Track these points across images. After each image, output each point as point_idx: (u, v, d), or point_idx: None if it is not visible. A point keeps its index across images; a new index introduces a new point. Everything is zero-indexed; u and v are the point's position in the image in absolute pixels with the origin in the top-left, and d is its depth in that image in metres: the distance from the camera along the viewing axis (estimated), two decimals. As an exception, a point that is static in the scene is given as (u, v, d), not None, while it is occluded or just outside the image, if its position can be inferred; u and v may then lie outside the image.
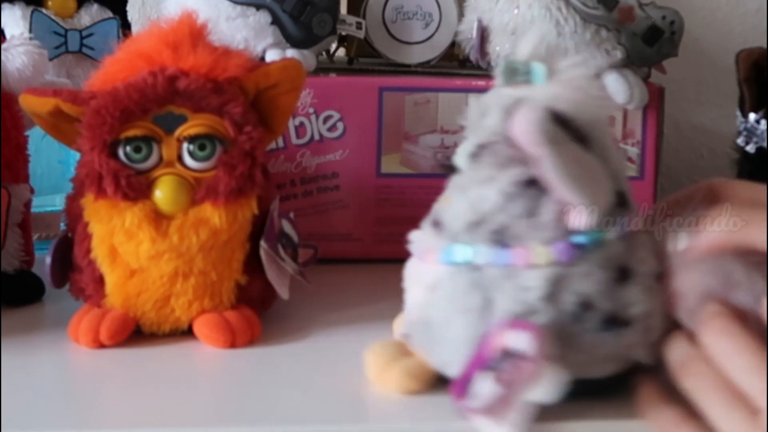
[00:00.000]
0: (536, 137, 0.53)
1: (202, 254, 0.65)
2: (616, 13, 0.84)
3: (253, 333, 0.67)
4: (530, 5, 0.84)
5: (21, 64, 0.74)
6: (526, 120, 0.53)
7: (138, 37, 0.69)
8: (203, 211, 0.65)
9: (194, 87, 0.66)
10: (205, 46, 0.68)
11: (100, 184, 0.65)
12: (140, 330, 0.67)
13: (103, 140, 0.65)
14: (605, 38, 0.84)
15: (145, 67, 0.66)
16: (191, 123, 0.66)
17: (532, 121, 0.53)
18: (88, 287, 0.68)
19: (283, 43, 0.86)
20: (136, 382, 0.61)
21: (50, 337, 0.67)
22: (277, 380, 0.61)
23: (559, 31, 0.83)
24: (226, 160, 0.66)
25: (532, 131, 0.53)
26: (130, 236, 0.65)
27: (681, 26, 0.86)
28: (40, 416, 0.56)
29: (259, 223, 0.68)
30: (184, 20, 0.68)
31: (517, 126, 0.54)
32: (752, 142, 0.82)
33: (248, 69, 0.68)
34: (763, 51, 0.83)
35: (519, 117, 0.53)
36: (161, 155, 0.66)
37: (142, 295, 0.66)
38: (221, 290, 0.67)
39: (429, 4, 0.93)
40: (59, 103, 0.67)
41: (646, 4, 0.85)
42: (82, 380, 0.63)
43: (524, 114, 0.53)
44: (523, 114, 0.53)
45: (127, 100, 0.65)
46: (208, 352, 0.65)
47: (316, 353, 0.65)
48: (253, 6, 0.85)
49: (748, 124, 0.82)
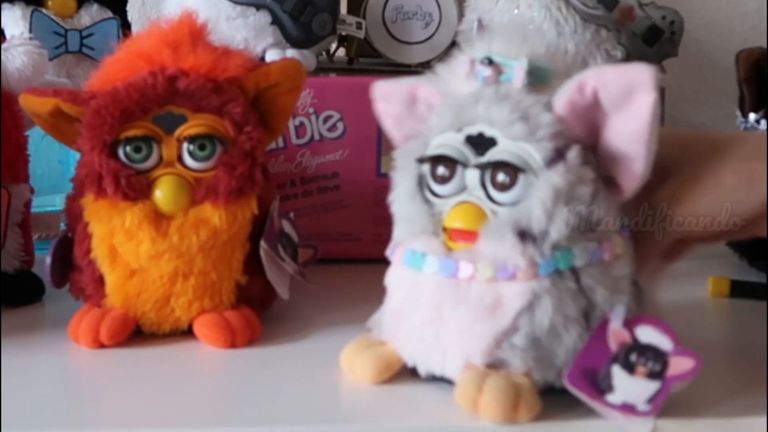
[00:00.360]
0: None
1: (202, 254, 0.65)
2: (616, 13, 0.84)
3: (253, 333, 0.67)
4: (530, 5, 0.84)
5: (21, 64, 0.74)
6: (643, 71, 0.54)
7: (138, 37, 0.69)
8: (203, 211, 0.65)
9: (194, 87, 0.66)
10: (205, 46, 0.68)
11: (100, 184, 0.65)
12: (140, 330, 0.67)
13: (103, 140, 0.65)
14: (605, 38, 0.84)
15: (145, 67, 0.66)
16: (191, 123, 0.66)
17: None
18: (88, 287, 0.68)
19: (283, 43, 0.86)
20: (136, 382, 0.61)
21: (50, 337, 0.67)
22: (277, 380, 0.61)
23: (559, 31, 0.83)
24: (226, 160, 0.66)
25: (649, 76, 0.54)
26: (130, 236, 0.65)
27: (681, 26, 0.86)
28: (40, 416, 0.56)
29: (259, 223, 0.68)
30: (184, 20, 0.68)
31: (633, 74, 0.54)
32: (752, 142, 0.82)
33: (248, 69, 0.68)
34: (763, 51, 0.83)
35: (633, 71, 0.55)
36: (161, 155, 0.66)
37: (142, 295, 0.66)
38: (221, 290, 0.67)
39: (429, 4, 0.93)
40: (59, 103, 0.67)
41: (646, 4, 0.85)
42: (82, 380, 0.63)
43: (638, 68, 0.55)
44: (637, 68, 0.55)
45: (127, 100, 0.65)
46: (208, 352, 0.65)
47: (316, 353, 0.65)
48: (253, 6, 0.85)
49: (748, 124, 0.82)
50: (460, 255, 0.56)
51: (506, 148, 0.56)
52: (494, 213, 0.56)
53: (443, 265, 0.56)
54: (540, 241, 0.55)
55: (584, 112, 0.56)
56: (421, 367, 0.58)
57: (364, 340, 0.61)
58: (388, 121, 0.64)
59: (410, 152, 0.60)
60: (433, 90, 0.61)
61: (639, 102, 0.54)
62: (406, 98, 0.62)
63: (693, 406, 0.57)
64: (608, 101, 0.55)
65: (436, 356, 0.57)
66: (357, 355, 0.60)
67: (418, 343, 0.58)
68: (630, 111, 0.55)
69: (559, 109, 0.56)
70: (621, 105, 0.55)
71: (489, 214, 0.56)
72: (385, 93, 0.64)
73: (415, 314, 0.57)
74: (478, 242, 0.56)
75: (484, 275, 0.55)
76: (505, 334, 0.55)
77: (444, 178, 0.58)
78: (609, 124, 0.56)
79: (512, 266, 0.55)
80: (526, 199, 0.55)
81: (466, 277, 0.56)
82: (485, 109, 0.57)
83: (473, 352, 0.55)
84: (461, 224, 0.57)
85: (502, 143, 0.56)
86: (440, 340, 0.56)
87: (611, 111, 0.55)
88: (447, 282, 0.56)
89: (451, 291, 0.56)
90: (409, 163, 0.60)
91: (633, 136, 0.55)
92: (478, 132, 0.57)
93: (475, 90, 0.58)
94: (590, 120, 0.56)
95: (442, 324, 0.56)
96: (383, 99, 0.64)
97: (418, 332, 0.57)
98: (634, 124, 0.55)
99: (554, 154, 0.55)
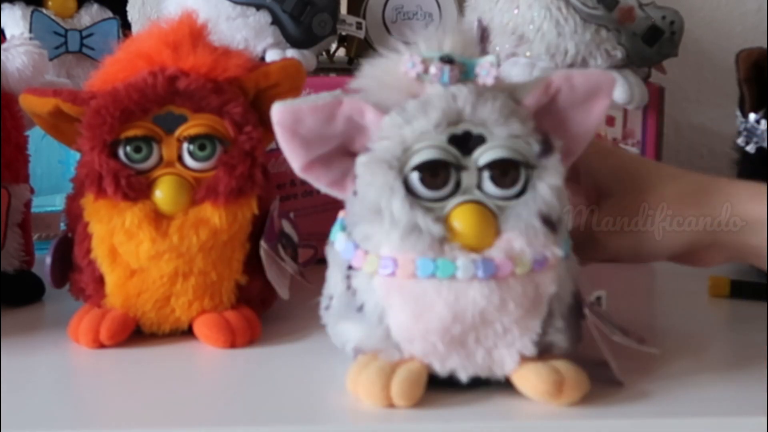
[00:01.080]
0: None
1: (202, 254, 0.65)
2: (616, 14, 0.84)
3: (253, 333, 0.67)
4: (530, 5, 0.84)
5: (21, 64, 0.74)
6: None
7: (138, 37, 0.69)
8: (203, 211, 0.65)
9: (194, 87, 0.66)
10: (205, 46, 0.68)
11: (100, 184, 0.65)
12: (140, 330, 0.67)
13: (103, 140, 0.65)
14: (605, 38, 0.84)
15: (145, 67, 0.66)
16: (191, 123, 0.66)
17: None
18: (88, 287, 0.68)
19: (283, 43, 0.86)
20: (136, 382, 0.61)
21: (50, 337, 0.67)
22: (277, 380, 0.61)
23: (559, 31, 0.83)
24: (226, 160, 0.66)
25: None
26: (130, 236, 0.65)
27: (681, 26, 0.86)
28: (40, 416, 0.56)
29: (259, 223, 0.68)
30: (184, 20, 0.69)
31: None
32: (752, 142, 0.82)
33: (248, 69, 0.68)
34: (763, 51, 0.83)
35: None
36: (161, 155, 0.66)
37: (142, 295, 0.66)
38: (221, 290, 0.67)
39: (429, 4, 0.93)
40: (59, 103, 0.67)
41: (646, 4, 0.85)
42: (82, 380, 0.63)
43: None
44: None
45: (127, 100, 0.65)
46: (208, 352, 0.65)
47: (316, 353, 0.64)
48: (253, 6, 0.85)
49: (748, 124, 0.82)
50: (491, 253, 0.56)
51: (500, 145, 0.57)
52: (500, 208, 0.57)
53: (479, 266, 0.55)
54: (558, 226, 0.57)
55: (541, 108, 0.59)
56: (462, 374, 0.56)
57: (380, 366, 0.56)
58: (293, 144, 0.58)
59: (384, 159, 0.57)
60: (358, 105, 0.58)
61: (599, 104, 0.60)
62: (323, 117, 0.58)
63: (693, 406, 0.57)
64: (567, 101, 0.59)
65: (480, 360, 0.56)
66: (385, 387, 0.55)
67: (457, 351, 0.56)
68: (587, 111, 0.60)
69: (528, 105, 0.58)
70: (579, 105, 0.59)
71: (495, 209, 0.57)
72: (294, 113, 0.58)
73: (451, 322, 0.55)
74: (501, 237, 0.56)
75: (524, 269, 0.56)
76: (547, 321, 0.56)
77: (439, 182, 0.57)
78: (557, 120, 0.60)
79: (548, 255, 0.56)
80: (532, 190, 0.57)
81: (505, 274, 0.55)
82: (470, 108, 0.57)
83: (526, 345, 0.56)
84: (474, 224, 0.56)
85: (493, 140, 0.57)
86: (483, 342, 0.56)
87: (567, 109, 0.59)
88: (487, 283, 0.55)
89: (494, 291, 0.55)
90: (385, 171, 0.57)
91: (581, 134, 0.61)
92: (463, 131, 0.57)
93: (449, 90, 0.57)
94: (541, 115, 0.59)
95: (486, 326, 0.55)
96: (291, 120, 0.58)
97: (456, 339, 0.55)
98: (589, 123, 0.60)
99: (545, 145, 0.58)
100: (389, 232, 0.56)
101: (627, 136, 0.87)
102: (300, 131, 0.58)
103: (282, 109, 0.58)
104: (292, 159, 0.59)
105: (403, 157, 0.57)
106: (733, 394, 0.59)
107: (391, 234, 0.56)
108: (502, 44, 0.85)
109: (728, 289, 0.78)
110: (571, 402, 0.56)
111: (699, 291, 0.79)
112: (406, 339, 0.56)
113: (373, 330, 0.57)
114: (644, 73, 0.87)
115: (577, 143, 0.61)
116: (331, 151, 0.59)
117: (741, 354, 0.67)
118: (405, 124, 0.57)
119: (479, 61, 0.57)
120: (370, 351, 0.58)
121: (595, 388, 0.57)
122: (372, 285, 0.57)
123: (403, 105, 0.58)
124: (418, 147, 0.57)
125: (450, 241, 0.56)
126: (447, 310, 0.55)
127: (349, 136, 0.59)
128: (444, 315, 0.55)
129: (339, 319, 0.59)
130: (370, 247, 0.57)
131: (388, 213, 0.56)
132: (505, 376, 0.56)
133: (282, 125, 0.58)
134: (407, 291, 0.56)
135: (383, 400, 0.56)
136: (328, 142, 0.59)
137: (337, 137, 0.59)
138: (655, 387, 0.59)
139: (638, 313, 0.74)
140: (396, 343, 0.57)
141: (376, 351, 0.57)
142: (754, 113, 0.82)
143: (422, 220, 0.56)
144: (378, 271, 0.57)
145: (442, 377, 0.57)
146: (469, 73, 0.58)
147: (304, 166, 0.59)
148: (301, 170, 0.59)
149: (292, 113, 0.58)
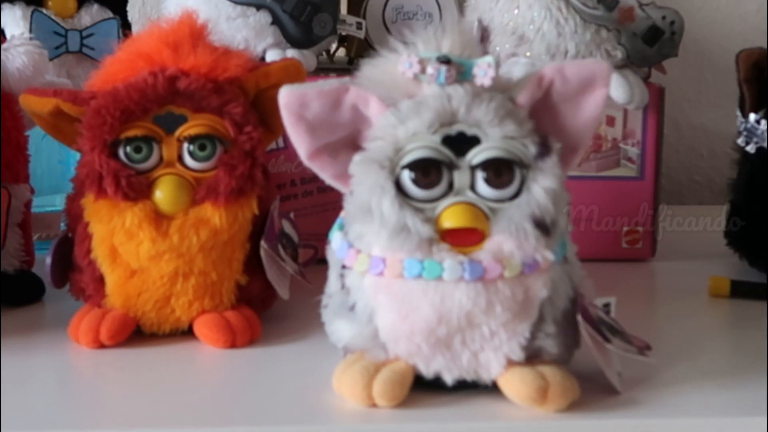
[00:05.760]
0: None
1: (202, 254, 0.65)
2: (616, 14, 0.84)
3: (253, 333, 0.67)
4: (530, 5, 0.84)
5: (21, 64, 0.74)
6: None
7: (138, 37, 0.69)
8: (203, 211, 0.65)
9: (194, 87, 0.66)
10: (205, 46, 0.68)
11: (100, 184, 0.65)
12: (140, 330, 0.67)
13: (104, 140, 0.65)
14: (605, 38, 0.84)
15: (146, 67, 0.66)
16: (191, 123, 0.66)
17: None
18: (88, 287, 0.68)
19: (283, 43, 0.86)
20: (136, 382, 0.61)
21: (50, 337, 0.67)
22: (277, 380, 0.61)
23: (559, 31, 0.83)
24: (227, 160, 0.66)
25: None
26: (131, 236, 0.65)
27: (681, 26, 0.86)
28: (40, 416, 0.56)
29: (259, 223, 0.68)
30: (184, 20, 0.69)
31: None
32: (752, 143, 0.82)
33: (248, 69, 0.68)
34: (763, 51, 0.83)
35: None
36: (161, 155, 0.66)
37: (142, 295, 0.66)
38: (221, 290, 0.67)
39: (429, 4, 0.93)
40: (59, 103, 0.67)
41: (646, 5, 0.85)
42: (82, 380, 0.63)
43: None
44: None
45: (127, 100, 0.65)
46: (208, 352, 0.65)
47: (316, 353, 0.65)
48: (254, 6, 0.85)
49: (748, 124, 0.82)
50: (479, 255, 0.55)
51: (495, 146, 0.56)
52: (492, 210, 0.56)
53: (466, 268, 0.55)
54: (552, 229, 0.56)
55: (536, 104, 0.58)
56: (447, 376, 0.56)
57: (364, 365, 0.57)
58: (299, 128, 0.58)
59: (376, 158, 0.57)
60: (364, 94, 0.58)
61: (596, 94, 0.58)
62: (329, 103, 0.58)
63: (693, 406, 0.57)
64: (562, 94, 0.58)
65: (466, 362, 0.56)
66: (367, 386, 0.56)
67: (442, 352, 0.56)
68: (583, 103, 0.58)
69: (522, 102, 0.58)
70: (574, 97, 0.58)
71: (487, 211, 0.56)
72: (300, 97, 0.58)
73: (436, 323, 0.55)
74: (491, 239, 0.56)
75: (513, 272, 0.55)
76: (537, 325, 0.56)
77: (430, 182, 0.57)
78: (555, 115, 0.59)
79: (539, 258, 0.56)
80: (526, 192, 0.56)
81: (493, 277, 0.55)
82: (465, 109, 0.57)
83: (513, 349, 0.55)
84: (466, 224, 0.56)
85: (487, 141, 0.57)
86: (470, 345, 0.56)
87: (562, 103, 0.58)
88: (474, 285, 0.55)
89: (481, 293, 0.55)
90: (377, 170, 0.57)
91: (581, 127, 0.59)
92: (457, 132, 0.57)
93: (445, 91, 0.57)
94: (536, 111, 0.58)
95: (472, 328, 0.55)
96: (298, 105, 0.58)
97: (441, 341, 0.55)
98: (588, 115, 0.59)
99: (543, 147, 0.57)
100: (378, 232, 0.56)
101: (627, 136, 0.87)
102: (306, 116, 0.58)
103: (289, 92, 0.58)
104: (298, 145, 0.59)
105: (396, 157, 0.57)
106: (733, 395, 0.59)
107: (380, 233, 0.56)
108: (503, 44, 0.85)
109: (728, 289, 0.78)
110: (558, 408, 0.55)
111: (699, 291, 0.79)
112: (392, 339, 0.56)
113: (363, 329, 0.57)
114: (644, 73, 0.87)
115: (579, 138, 0.60)
116: (339, 142, 0.59)
117: (741, 354, 0.67)
118: (399, 124, 0.57)
119: (477, 62, 0.57)
120: (359, 350, 0.58)
121: (592, 391, 0.57)
122: (363, 284, 0.57)
123: (397, 105, 0.58)
124: (411, 147, 0.57)
125: (439, 242, 0.56)
126: (432, 311, 0.55)
127: (356, 128, 0.59)
128: (429, 316, 0.55)
129: (334, 318, 0.59)
130: (362, 247, 0.57)
131: (378, 212, 0.56)
132: (491, 380, 0.56)
133: (288, 108, 0.58)
134: (394, 291, 0.56)
135: (365, 400, 0.56)
136: (334, 131, 0.59)
137: (343, 127, 0.59)
138: (655, 387, 0.59)
139: (638, 314, 0.74)
140: (382, 343, 0.57)
141: (364, 350, 0.57)
142: (754, 113, 0.82)
143: (411, 221, 0.56)
144: (368, 270, 0.57)
145: (428, 379, 0.57)
146: (467, 74, 0.57)
147: (311, 154, 0.59)
148: (307, 157, 0.59)
149: (298, 97, 0.58)
